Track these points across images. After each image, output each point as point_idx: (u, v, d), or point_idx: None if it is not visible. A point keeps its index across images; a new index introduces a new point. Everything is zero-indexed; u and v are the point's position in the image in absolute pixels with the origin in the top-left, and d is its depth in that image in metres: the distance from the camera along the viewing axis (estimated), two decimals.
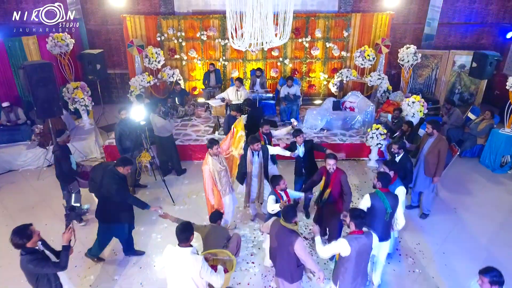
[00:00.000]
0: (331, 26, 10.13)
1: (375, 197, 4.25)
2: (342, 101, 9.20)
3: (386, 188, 4.30)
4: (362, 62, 9.75)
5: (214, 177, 5.21)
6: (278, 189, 4.73)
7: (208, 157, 5.18)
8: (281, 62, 10.45)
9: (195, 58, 10.35)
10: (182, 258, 3.44)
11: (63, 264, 3.48)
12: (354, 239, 3.55)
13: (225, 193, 5.45)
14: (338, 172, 4.83)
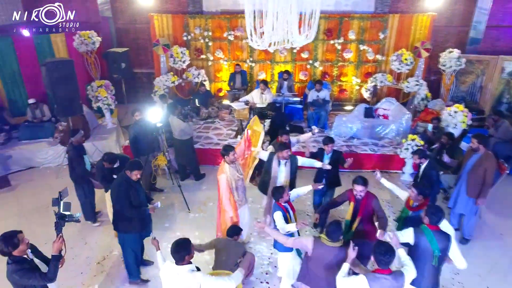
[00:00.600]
0: (366, 28, 9.49)
1: (420, 235, 3.46)
2: (375, 108, 8.55)
3: (435, 225, 3.51)
4: (398, 67, 9.04)
5: (232, 186, 4.80)
6: (282, 202, 4.22)
7: (224, 165, 4.78)
8: (311, 64, 9.92)
9: (221, 59, 10.02)
10: (179, 277, 3.13)
11: (51, 275, 3.18)
12: (377, 279, 2.98)
13: (241, 204, 5.04)
14: (368, 198, 4.21)
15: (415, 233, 3.49)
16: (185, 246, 3.16)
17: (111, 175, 4.98)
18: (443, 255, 3.45)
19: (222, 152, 4.79)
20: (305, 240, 3.58)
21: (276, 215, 4.15)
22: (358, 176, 4.23)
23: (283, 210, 4.19)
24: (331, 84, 10.03)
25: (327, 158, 5.31)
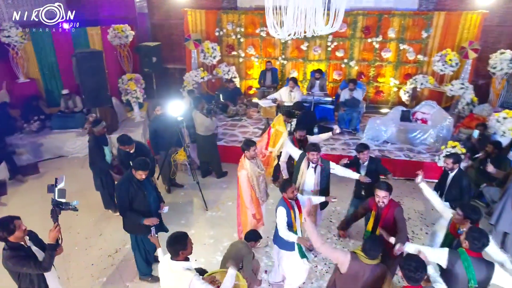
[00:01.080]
0: (408, 26, 8.87)
1: (456, 259, 3.02)
2: (413, 112, 7.93)
3: (477, 252, 3.00)
4: (442, 68, 8.34)
5: (253, 183, 4.55)
6: (286, 197, 3.90)
7: (244, 160, 4.54)
8: (346, 64, 9.43)
9: (252, 56, 9.79)
10: (172, 272, 2.94)
11: (45, 265, 3.07)
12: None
13: (264, 200, 4.79)
14: (391, 206, 3.77)
15: (450, 256, 3.04)
16: (181, 241, 2.94)
17: (128, 160, 4.89)
18: (480, 286, 2.94)
19: (242, 147, 4.53)
20: (342, 256, 3.17)
21: (280, 211, 3.87)
22: (381, 181, 3.80)
23: (288, 207, 3.89)
24: (367, 85, 9.48)
25: (363, 169, 4.80)
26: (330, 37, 9.15)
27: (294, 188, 3.94)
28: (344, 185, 5.87)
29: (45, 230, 4.52)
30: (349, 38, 9.21)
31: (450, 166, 4.47)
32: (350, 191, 5.30)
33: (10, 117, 8.10)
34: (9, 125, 7.89)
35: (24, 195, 6.54)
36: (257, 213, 4.58)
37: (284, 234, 3.82)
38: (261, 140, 5.16)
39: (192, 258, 4.91)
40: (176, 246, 2.92)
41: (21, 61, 8.74)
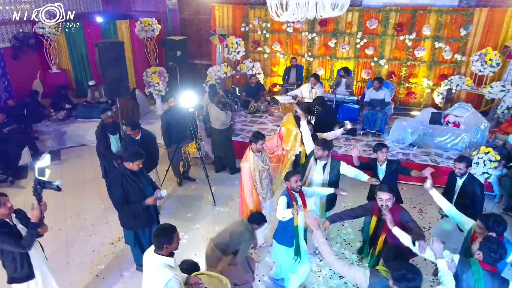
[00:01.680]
0: (445, 23, 8.26)
1: (466, 268, 2.68)
2: (444, 114, 7.34)
3: (492, 265, 2.64)
4: (480, 68, 7.68)
5: (254, 177, 4.36)
6: (289, 187, 3.69)
7: (249, 152, 4.37)
8: (376, 62, 8.96)
9: (278, 52, 9.57)
10: (153, 266, 2.76)
11: (25, 243, 3.04)
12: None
13: (265, 198, 4.57)
14: (395, 210, 3.38)
15: (460, 263, 2.69)
16: (168, 234, 2.75)
17: (132, 144, 4.86)
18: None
19: (250, 138, 4.38)
20: (358, 273, 2.71)
21: (281, 199, 3.70)
22: (382, 183, 3.43)
23: (290, 198, 3.70)
24: (398, 85, 8.95)
25: (381, 170, 4.40)
26: (359, 33, 8.73)
27: (299, 178, 3.72)
28: (363, 188, 5.48)
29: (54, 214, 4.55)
30: (380, 35, 8.74)
31: (463, 170, 3.98)
32: None
33: (40, 105, 8.44)
34: (38, 112, 8.20)
35: None
36: (254, 209, 4.34)
37: (280, 214, 3.62)
38: (271, 138, 4.92)
39: (192, 252, 4.82)
40: (161, 238, 2.73)
41: (53, 52, 9.09)
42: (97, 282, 4.41)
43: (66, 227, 5.38)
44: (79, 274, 4.52)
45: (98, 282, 4.40)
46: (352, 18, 8.82)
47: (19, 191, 6.31)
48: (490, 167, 5.65)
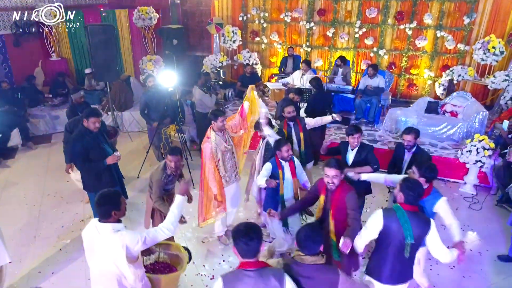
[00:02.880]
0: (448, 11, 7.91)
1: (391, 216, 2.64)
2: (442, 103, 6.99)
3: (413, 205, 2.66)
4: (483, 57, 7.28)
5: (217, 158, 4.15)
6: (279, 157, 3.63)
7: (211, 132, 4.17)
8: (375, 52, 8.66)
9: (275, 42, 9.41)
10: (100, 237, 2.49)
11: None
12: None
13: (229, 181, 4.35)
14: (343, 189, 3.09)
15: (385, 214, 2.66)
16: (114, 199, 2.53)
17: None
18: (417, 244, 2.64)
19: (209, 116, 4.20)
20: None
21: (266, 165, 3.70)
22: (330, 158, 3.20)
23: (277, 166, 3.66)
24: (398, 77, 8.63)
25: (351, 155, 4.08)
26: (358, 22, 8.47)
27: (290, 147, 3.67)
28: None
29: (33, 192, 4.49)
30: (380, 25, 8.45)
31: (412, 142, 3.85)
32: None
33: (36, 90, 8.56)
34: (34, 97, 8.32)
35: (30, 160, 6.78)
36: (218, 195, 4.15)
37: (258, 180, 3.67)
38: (231, 117, 4.69)
39: None
40: (107, 206, 2.49)
41: (54, 40, 9.23)
42: (59, 256, 4.33)
43: (41, 204, 5.36)
44: (43, 248, 4.46)
45: (59, 256, 4.32)
46: (352, 7, 8.57)
47: (3, 170, 6.36)
48: (484, 155, 5.31)
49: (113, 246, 2.44)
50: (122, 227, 2.56)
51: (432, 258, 3.14)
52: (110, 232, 2.47)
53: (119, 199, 2.57)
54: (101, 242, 2.47)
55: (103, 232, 2.47)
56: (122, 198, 2.61)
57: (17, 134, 7.07)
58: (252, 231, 2.08)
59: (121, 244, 2.43)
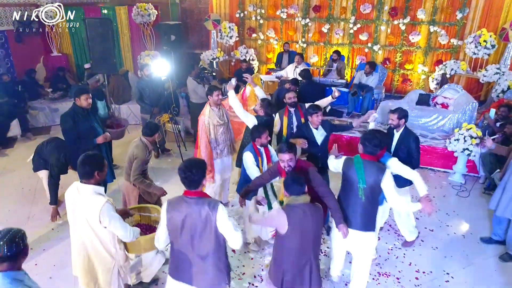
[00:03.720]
0: (441, 6, 8.01)
1: (349, 163, 3.08)
2: (433, 96, 7.07)
3: (371, 155, 3.02)
4: (474, 50, 7.36)
5: (209, 132, 4.36)
6: (257, 144, 3.69)
7: (206, 107, 4.41)
8: (370, 48, 8.77)
9: (272, 38, 9.54)
10: (80, 196, 2.60)
11: None
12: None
13: (220, 154, 4.54)
14: (301, 167, 3.17)
15: (345, 161, 3.12)
16: (97, 160, 2.64)
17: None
18: (372, 190, 2.97)
19: (206, 92, 4.47)
20: (276, 215, 2.60)
21: (246, 155, 3.67)
22: (282, 143, 3.36)
23: (255, 153, 3.69)
24: (393, 72, 8.72)
25: (319, 133, 4.11)
26: (352, 18, 8.59)
27: (267, 134, 3.74)
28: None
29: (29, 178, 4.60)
30: (374, 20, 8.56)
31: (395, 122, 3.84)
32: None
33: (37, 84, 8.75)
34: (35, 91, 8.50)
35: (28, 150, 6.83)
36: (208, 165, 4.31)
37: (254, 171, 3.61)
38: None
39: None
40: (90, 165, 2.58)
41: (55, 36, 9.44)
42: (51, 234, 4.46)
43: (36, 188, 5.48)
44: (36, 228, 4.58)
45: (51, 234, 4.45)
46: (347, 3, 8.70)
47: (1, 158, 6.53)
48: (471, 143, 5.37)
49: (91, 208, 2.55)
50: (103, 191, 2.67)
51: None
52: (90, 193, 2.57)
53: (102, 161, 2.68)
54: (80, 202, 2.58)
55: (84, 192, 2.58)
56: (105, 161, 2.72)
57: (16, 125, 7.23)
58: (194, 166, 2.40)
59: (98, 207, 2.53)
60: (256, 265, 3.95)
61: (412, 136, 3.82)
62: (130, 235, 2.70)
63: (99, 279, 2.76)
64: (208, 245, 2.44)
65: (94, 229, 2.59)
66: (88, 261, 2.71)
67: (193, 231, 2.41)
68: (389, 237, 4.45)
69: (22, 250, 1.99)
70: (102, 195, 2.63)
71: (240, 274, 3.83)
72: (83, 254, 2.70)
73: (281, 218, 2.54)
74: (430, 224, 4.67)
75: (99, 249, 2.68)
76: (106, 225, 2.58)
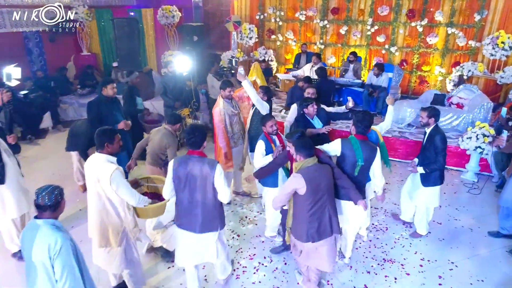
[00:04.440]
0: (460, 8, 8.06)
1: (346, 144, 3.40)
2: (448, 96, 7.13)
3: (363, 135, 3.44)
4: (492, 52, 7.38)
5: (225, 121, 4.65)
6: (266, 131, 3.89)
7: (220, 99, 4.72)
8: (387, 50, 8.88)
9: (290, 39, 9.79)
10: (95, 165, 2.99)
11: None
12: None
13: (237, 142, 4.83)
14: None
15: (342, 143, 3.42)
16: (108, 134, 3.03)
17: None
18: (365, 166, 3.40)
19: (220, 86, 4.76)
20: (294, 180, 2.97)
21: (259, 144, 3.85)
22: (288, 133, 3.68)
23: (268, 141, 3.89)
24: (410, 74, 8.79)
25: (316, 121, 4.35)
26: (370, 20, 8.74)
27: (274, 122, 3.92)
28: None
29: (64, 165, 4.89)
30: (391, 22, 8.68)
31: (425, 120, 3.97)
32: None
33: (67, 80, 9.31)
34: (65, 87, 9.05)
35: (58, 140, 7.36)
36: (228, 152, 4.63)
37: (259, 161, 3.79)
38: (239, 89, 5.13)
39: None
40: (102, 137, 2.98)
41: (85, 36, 10.01)
42: (79, 214, 4.81)
43: (65, 174, 5.87)
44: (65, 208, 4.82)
45: (79, 214, 4.79)
46: (365, 5, 8.86)
47: (33, 147, 7.05)
48: (483, 141, 5.44)
49: (103, 173, 2.90)
50: (114, 160, 3.04)
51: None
52: (103, 161, 2.95)
53: (113, 135, 3.06)
54: (95, 169, 2.95)
55: (98, 160, 2.97)
56: (117, 135, 3.09)
57: (48, 118, 7.75)
58: (196, 130, 2.98)
59: (109, 173, 2.88)
60: (266, 248, 4.18)
61: (439, 136, 3.89)
62: (136, 200, 3.02)
63: (110, 240, 3.07)
64: (206, 196, 2.96)
65: (106, 193, 2.94)
66: (101, 223, 3.04)
67: (194, 184, 2.94)
68: (397, 228, 4.59)
69: (59, 203, 2.34)
70: (114, 164, 2.99)
71: (252, 255, 4.07)
72: (97, 217, 3.04)
73: (299, 181, 2.93)
74: (438, 218, 4.78)
75: (110, 212, 3.00)
76: (115, 189, 2.91)
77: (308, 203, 2.98)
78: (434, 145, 3.91)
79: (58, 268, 2.24)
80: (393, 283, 3.68)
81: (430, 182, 4.01)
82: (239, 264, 3.92)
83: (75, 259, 2.34)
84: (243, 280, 3.71)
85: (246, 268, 3.87)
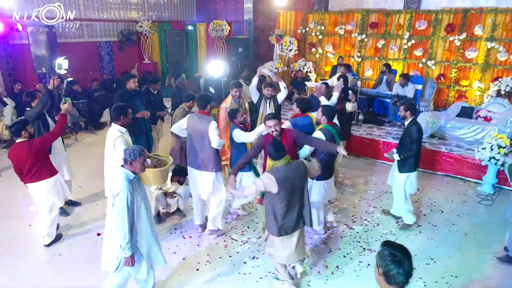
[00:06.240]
0: (502, 23, 7.87)
1: (327, 132, 4.02)
2: (477, 109, 7.00)
3: (331, 122, 4.15)
4: None
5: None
6: (237, 123, 4.38)
7: (229, 97, 5.44)
8: (424, 63, 8.88)
9: (329, 52, 10.20)
10: (109, 132, 3.85)
11: None
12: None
13: None
14: (287, 132, 3.90)
15: (324, 132, 4.04)
16: (123, 108, 3.85)
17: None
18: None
19: (231, 85, 5.53)
20: (266, 179, 3.17)
21: (236, 131, 4.29)
22: (268, 113, 4.29)
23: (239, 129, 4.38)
24: (448, 88, 8.68)
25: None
26: (407, 34, 8.85)
27: (243, 112, 4.52)
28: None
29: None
30: (429, 37, 8.70)
31: (402, 113, 4.42)
32: None
33: None
34: None
35: None
36: (226, 146, 5.20)
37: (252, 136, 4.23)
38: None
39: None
40: (118, 111, 3.81)
41: (147, 47, 11.44)
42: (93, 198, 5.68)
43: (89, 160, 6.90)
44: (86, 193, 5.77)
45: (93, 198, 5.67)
46: (404, 20, 8.99)
47: (91, 135, 8.36)
48: (498, 152, 5.37)
49: (111, 137, 3.75)
50: (124, 130, 3.82)
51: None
52: (115, 129, 3.79)
53: (126, 110, 3.85)
54: (108, 135, 3.81)
55: (112, 129, 3.82)
56: (129, 111, 3.88)
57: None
58: (202, 97, 4.19)
59: (115, 137, 3.71)
60: (258, 228, 4.66)
61: (415, 127, 4.29)
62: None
63: None
64: (206, 143, 3.99)
65: (112, 154, 3.75)
66: (110, 180, 3.82)
67: (198, 134, 4.03)
68: (389, 225, 4.78)
69: (134, 161, 2.92)
70: (121, 132, 3.78)
71: (244, 233, 4.58)
72: (108, 175, 3.88)
73: (271, 181, 3.13)
74: (436, 221, 4.86)
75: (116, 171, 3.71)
76: (115, 150, 3.69)
77: (280, 200, 3.18)
78: (410, 135, 4.32)
79: (115, 206, 2.86)
80: (364, 267, 3.94)
81: (404, 169, 4.41)
82: (230, 238, 4.47)
83: (128, 207, 2.81)
84: (229, 249, 4.25)
85: (235, 241, 4.40)
